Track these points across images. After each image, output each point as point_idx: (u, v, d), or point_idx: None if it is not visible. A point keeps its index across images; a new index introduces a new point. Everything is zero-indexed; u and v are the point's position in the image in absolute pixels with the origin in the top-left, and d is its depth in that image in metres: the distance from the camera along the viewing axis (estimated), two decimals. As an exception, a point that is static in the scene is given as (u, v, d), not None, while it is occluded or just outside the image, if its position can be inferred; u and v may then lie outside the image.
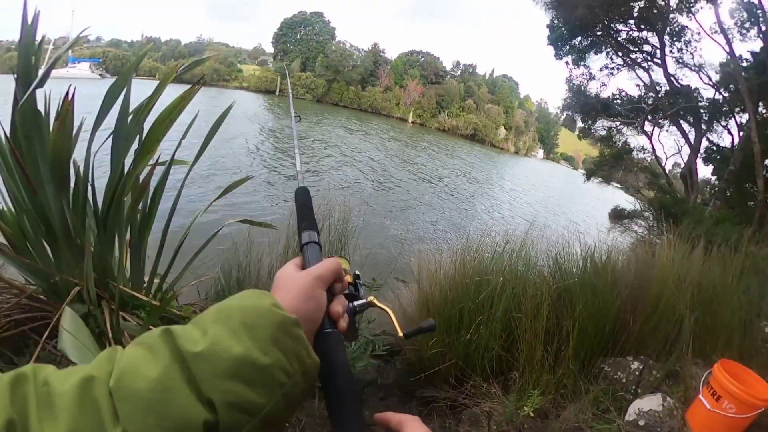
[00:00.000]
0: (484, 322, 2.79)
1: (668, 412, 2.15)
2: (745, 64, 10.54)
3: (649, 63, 13.03)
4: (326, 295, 0.53)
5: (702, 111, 12.23)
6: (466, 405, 2.45)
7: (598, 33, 12.86)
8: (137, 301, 2.11)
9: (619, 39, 13.02)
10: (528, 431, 2.09)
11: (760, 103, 9.95)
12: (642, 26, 12.45)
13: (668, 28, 12.07)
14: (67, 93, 1.56)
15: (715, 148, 12.75)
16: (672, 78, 12.57)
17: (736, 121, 11.93)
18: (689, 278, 3.12)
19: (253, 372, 0.37)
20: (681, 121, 12.45)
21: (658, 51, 12.51)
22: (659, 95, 12.61)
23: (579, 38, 13.21)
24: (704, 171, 13.13)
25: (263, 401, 0.38)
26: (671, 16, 11.84)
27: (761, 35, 10.08)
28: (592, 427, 2.10)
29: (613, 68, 13.71)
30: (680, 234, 3.78)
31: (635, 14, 12.06)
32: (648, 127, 13.11)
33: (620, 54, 13.30)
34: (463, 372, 2.73)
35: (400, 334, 0.65)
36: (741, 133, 11.37)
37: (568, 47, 13.50)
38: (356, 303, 0.63)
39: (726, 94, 11.70)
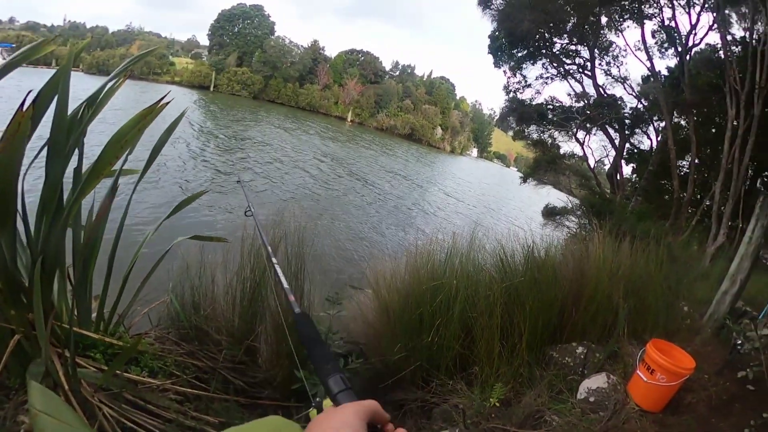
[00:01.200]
0: (443, 324, 2.97)
1: (613, 388, 2.50)
2: (663, 78, 12.20)
3: (581, 74, 14.60)
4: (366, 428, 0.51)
5: (626, 118, 13.89)
6: (435, 403, 2.63)
7: (536, 44, 14.13)
8: (88, 340, 1.90)
9: (554, 51, 14.42)
10: (495, 420, 2.31)
11: (675, 113, 11.47)
12: (575, 40, 13.99)
13: (598, 43, 13.64)
14: (23, 102, 1.27)
15: (636, 150, 14.66)
16: (600, 88, 14.21)
17: (654, 127, 13.81)
18: (620, 270, 3.56)
19: None
20: (608, 127, 13.97)
21: (588, 63, 14.10)
22: (589, 103, 14.05)
23: (517, 49, 14.45)
24: (626, 170, 14.91)
25: None
26: (602, 32, 13.40)
27: (677, 55, 11.80)
28: (550, 408, 2.38)
29: (547, 77, 15.14)
30: (609, 231, 4.28)
31: (569, 29, 13.51)
32: (580, 133, 14.55)
33: (555, 65, 14.70)
34: (428, 372, 2.90)
35: None
36: (658, 138, 13.20)
37: (507, 57, 14.72)
38: None
39: (645, 104, 13.41)
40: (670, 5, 11.54)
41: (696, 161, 10.96)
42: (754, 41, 8.23)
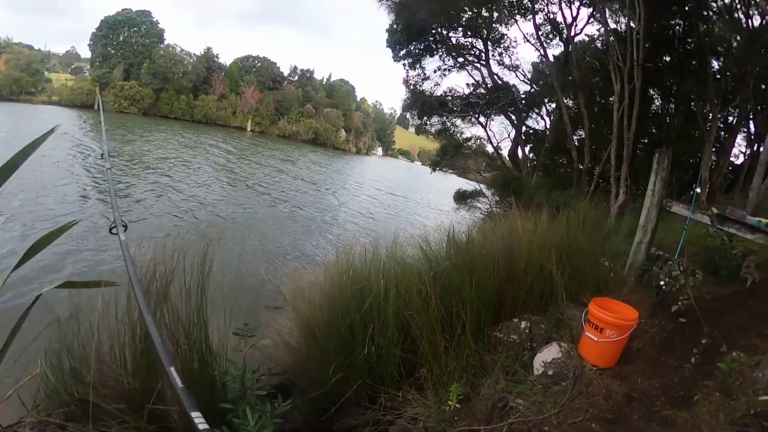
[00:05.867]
0: (377, 331, 2.76)
1: (567, 355, 2.50)
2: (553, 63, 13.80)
3: (477, 65, 15.83)
4: None
5: (522, 101, 15.50)
6: (389, 421, 2.39)
7: (433, 38, 15.12)
8: None
9: (450, 44, 15.45)
10: (459, 423, 2.14)
11: (564, 94, 13.01)
12: (469, 34, 15.23)
13: (491, 36, 15.03)
14: None
15: (531, 131, 16.42)
16: (495, 77, 15.61)
17: (546, 109, 15.60)
18: (546, 241, 3.68)
19: None
20: (507, 110, 15.25)
21: (483, 54, 15.34)
22: (488, 87, 15.21)
23: (414, 43, 15.29)
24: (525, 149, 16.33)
25: None
26: (494, 25, 14.83)
27: (562, 43, 13.78)
28: (511, 393, 2.29)
29: (445, 69, 16.14)
30: (524, 204, 4.45)
31: (464, 23, 14.71)
32: (481, 119, 15.67)
33: (452, 56, 15.78)
34: (372, 389, 2.67)
35: None
36: (551, 118, 14.90)
37: (405, 51, 15.50)
38: None
39: (537, 88, 15.13)
40: (554, 1, 13.33)
41: (588, 134, 12.35)
42: (632, 25, 9.54)
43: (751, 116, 12.43)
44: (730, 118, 12.68)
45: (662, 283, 3.20)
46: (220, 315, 2.61)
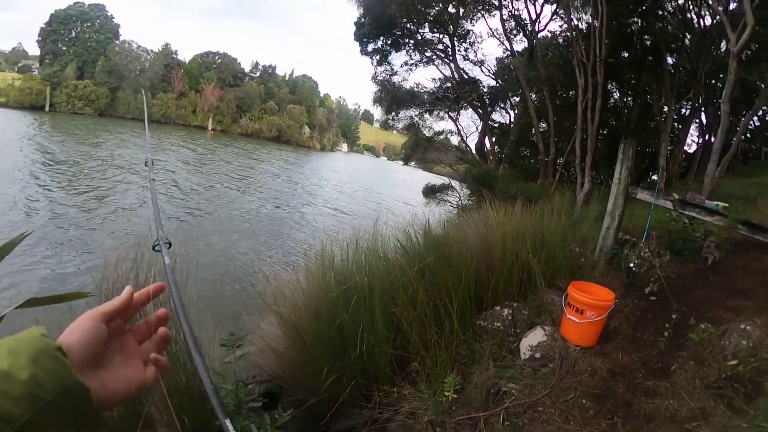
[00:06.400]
0: (367, 330, 2.74)
1: (551, 337, 2.62)
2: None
3: (443, 60, 16.11)
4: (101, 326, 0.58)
5: (489, 95, 15.92)
6: (387, 418, 2.42)
7: (398, 33, 15.34)
8: None
9: (418, 39, 15.76)
10: (457, 412, 2.21)
11: (529, 88, 13.44)
12: (436, 29, 15.61)
13: (457, 32, 15.39)
14: None
15: (496, 124, 16.84)
16: (462, 71, 15.87)
17: (510, 103, 16.03)
18: (520, 230, 3.82)
19: (10, 384, 0.46)
20: (475, 103, 15.63)
21: (450, 50, 15.67)
22: (457, 81, 15.57)
23: (383, 38, 15.52)
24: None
25: (19, 411, 0.46)
26: (459, 22, 15.18)
27: (526, 39, 14.35)
28: (502, 378, 2.39)
29: (412, 64, 16.42)
30: (496, 196, 4.57)
31: (431, 19, 15.10)
32: (450, 113, 16.01)
33: (420, 50, 16.05)
34: (366, 388, 2.68)
35: None
36: (515, 112, 15.31)
37: (373, 47, 15.71)
38: None
39: (501, 83, 15.59)
40: (517, -1, 13.85)
41: (553, 126, 12.83)
42: (595, 24, 9.98)
43: (702, 108, 13.33)
44: (684, 110, 13.60)
45: (632, 264, 3.38)
46: (202, 326, 2.57)
